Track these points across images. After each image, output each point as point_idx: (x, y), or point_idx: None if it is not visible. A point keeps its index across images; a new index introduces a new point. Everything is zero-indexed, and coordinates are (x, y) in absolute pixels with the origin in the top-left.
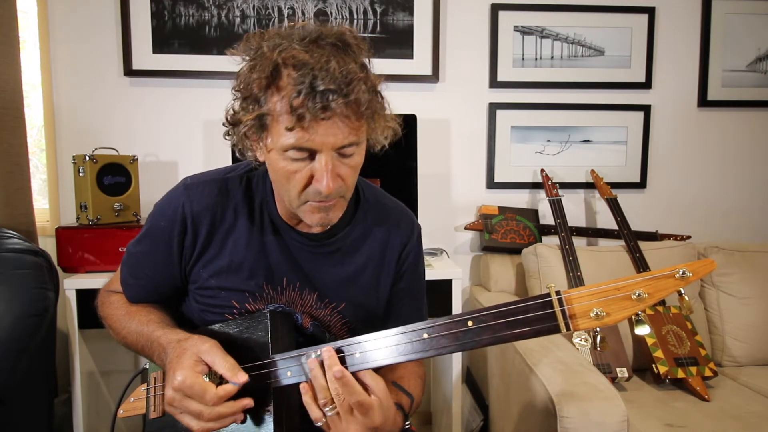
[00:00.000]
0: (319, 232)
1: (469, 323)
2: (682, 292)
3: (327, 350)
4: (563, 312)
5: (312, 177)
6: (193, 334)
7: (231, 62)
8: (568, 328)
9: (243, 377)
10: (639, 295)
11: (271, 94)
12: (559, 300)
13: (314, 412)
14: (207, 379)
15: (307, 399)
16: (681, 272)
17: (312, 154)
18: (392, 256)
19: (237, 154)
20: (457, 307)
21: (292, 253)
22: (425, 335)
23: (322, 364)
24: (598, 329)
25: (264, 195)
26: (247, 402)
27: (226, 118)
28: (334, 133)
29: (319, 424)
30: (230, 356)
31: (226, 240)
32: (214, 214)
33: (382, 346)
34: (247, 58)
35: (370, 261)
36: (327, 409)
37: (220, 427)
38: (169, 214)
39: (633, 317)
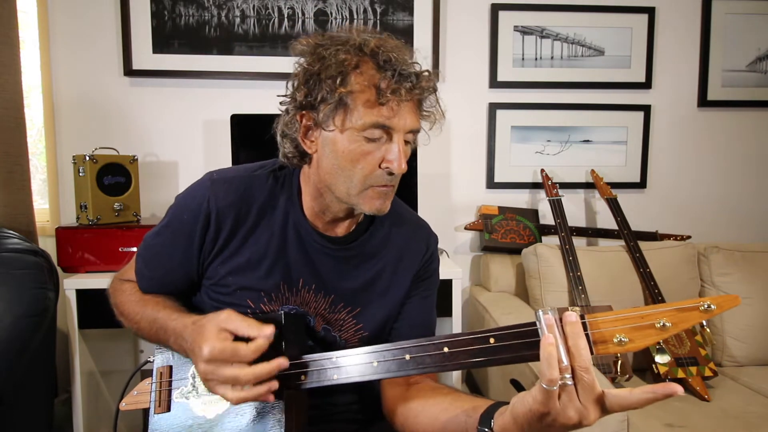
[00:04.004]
0: (341, 236)
1: (491, 341)
2: (704, 323)
3: (572, 316)
4: (587, 336)
5: (382, 161)
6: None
7: (232, 62)
8: (591, 353)
9: (269, 329)
10: (663, 324)
11: (357, 74)
12: (584, 324)
13: (553, 372)
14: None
15: (552, 351)
16: (706, 306)
17: (387, 136)
18: (410, 264)
19: (283, 145)
20: (457, 307)
21: (310, 256)
22: (445, 349)
23: (561, 329)
24: (618, 355)
25: (290, 193)
26: (281, 361)
27: (299, 102)
28: (410, 117)
29: (549, 387)
30: (248, 318)
31: (248, 238)
32: (238, 211)
33: (397, 357)
34: (326, 44)
35: (386, 268)
36: (563, 377)
37: (254, 399)
38: (193, 207)
39: (654, 345)
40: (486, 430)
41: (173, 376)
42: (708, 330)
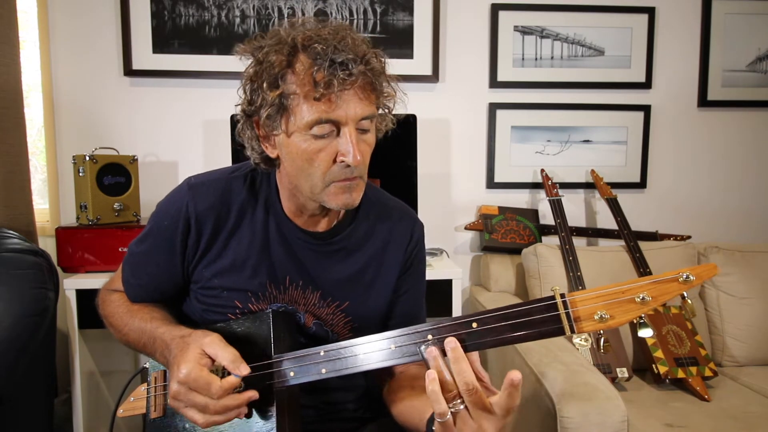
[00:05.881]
0: (324, 231)
1: (474, 325)
2: (685, 295)
3: (451, 341)
4: (568, 315)
5: (336, 155)
6: (196, 330)
7: (232, 62)
8: (572, 331)
9: (245, 370)
10: (643, 298)
11: (291, 73)
12: (564, 303)
13: (440, 406)
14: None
15: (434, 388)
16: (684, 276)
17: (336, 129)
18: (395, 254)
19: (248, 151)
20: (457, 307)
21: (295, 252)
22: (429, 336)
23: (443, 354)
24: (601, 331)
25: (268, 193)
26: (252, 394)
27: (242, 111)
28: (355, 105)
29: (442, 420)
30: (232, 348)
31: (230, 240)
32: (218, 213)
33: (384, 348)
34: (263, 46)
35: (372, 259)
36: (454, 403)
37: (224, 421)
38: (172, 213)
39: (636, 320)
40: None
41: (167, 380)
42: (690, 302)
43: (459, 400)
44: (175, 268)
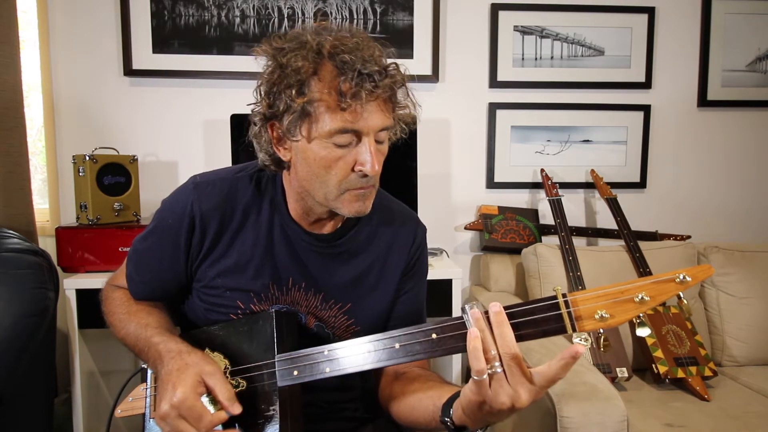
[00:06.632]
0: (328, 233)
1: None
2: (681, 295)
3: (496, 305)
4: (569, 314)
5: (354, 164)
6: (196, 349)
7: (232, 62)
8: (574, 329)
9: (238, 409)
10: (641, 298)
11: (317, 81)
12: (566, 302)
13: (479, 363)
14: (206, 400)
15: (476, 345)
16: (681, 277)
17: (357, 139)
18: (398, 257)
19: (259, 153)
20: (457, 307)
21: (298, 254)
22: (434, 335)
23: (487, 320)
24: (601, 330)
25: (274, 194)
26: None
27: (262, 114)
28: (377, 117)
29: (479, 378)
30: (229, 384)
31: (234, 240)
32: (223, 213)
33: (387, 347)
34: (284, 48)
35: (375, 262)
36: (493, 365)
37: None
38: (177, 211)
39: (635, 319)
40: (447, 420)
41: None
42: (686, 302)
43: (498, 363)
44: (179, 266)
